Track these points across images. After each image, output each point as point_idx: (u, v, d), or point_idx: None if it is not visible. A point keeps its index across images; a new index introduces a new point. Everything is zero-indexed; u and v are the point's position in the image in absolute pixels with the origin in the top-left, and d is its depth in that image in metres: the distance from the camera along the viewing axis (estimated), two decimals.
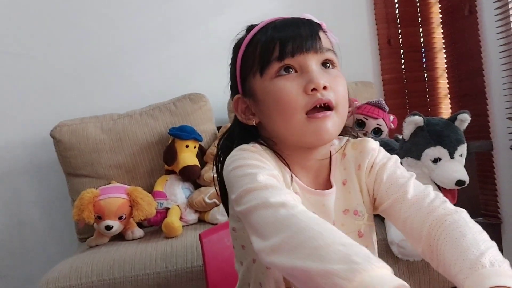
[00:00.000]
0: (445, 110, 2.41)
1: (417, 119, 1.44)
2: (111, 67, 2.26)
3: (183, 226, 1.69)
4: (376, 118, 1.92)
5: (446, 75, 2.38)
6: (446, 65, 2.38)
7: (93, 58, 2.25)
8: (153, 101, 2.07)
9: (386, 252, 1.45)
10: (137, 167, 1.93)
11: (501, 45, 1.94)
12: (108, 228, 1.63)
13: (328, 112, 0.68)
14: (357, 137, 0.82)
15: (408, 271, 1.47)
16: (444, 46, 2.37)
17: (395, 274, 1.69)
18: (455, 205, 1.53)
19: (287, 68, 0.69)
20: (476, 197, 1.67)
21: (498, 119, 2.05)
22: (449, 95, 2.38)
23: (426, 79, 2.43)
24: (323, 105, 0.68)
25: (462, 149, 1.42)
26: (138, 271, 1.42)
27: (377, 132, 1.93)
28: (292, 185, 0.71)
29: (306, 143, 0.71)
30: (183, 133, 1.85)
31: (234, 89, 0.78)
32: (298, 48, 0.69)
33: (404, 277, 1.48)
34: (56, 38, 2.22)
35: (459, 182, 1.37)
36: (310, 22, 0.73)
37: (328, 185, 0.76)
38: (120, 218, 1.65)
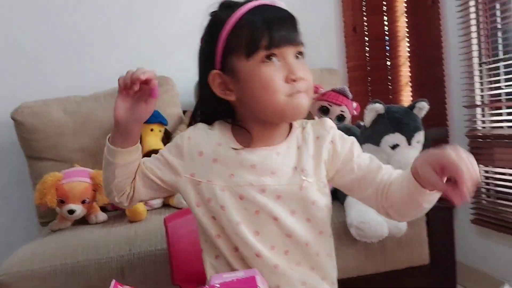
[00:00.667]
0: (406, 97, 2.48)
1: (378, 107, 1.49)
2: (75, 47, 2.21)
3: (147, 210, 1.69)
4: (340, 105, 1.97)
5: (408, 64, 2.45)
6: (408, 54, 2.44)
7: (56, 37, 2.19)
8: (115, 84, 2.04)
9: (345, 234, 1.51)
10: (101, 151, 1.85)
11: (460, 36, 2.02)
12: (71, 212, 1.62)
13: (304, 95, 0.79)
14: None
15: (366, 251, 1.54)
16: (407, 35, 2.44)
17: (353, 254, 1.76)
18: None
19: (271, 56, 0.77)
20: None
21: (455, 107, 2.13)
22: (410, 83, 2.45)
23: (389, 67, 2.49)
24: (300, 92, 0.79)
25: (419, 136, 1.49)
26: (102, 255, 1.43)
27: (340, 118, 1.98)
28: (243, 150, 0.83)
29: (285, 119, 0.83)
30: None
31: (208, 64, 0.82)
32: (284, 40, 0.77)
33: (362, 257, 1.54)
34: (18, 16, 2.15)
35: None
36: (290, 13, 0.80)
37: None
38: (83, 202, 1.64)
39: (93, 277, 1.41)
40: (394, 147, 1.47)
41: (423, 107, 1.50)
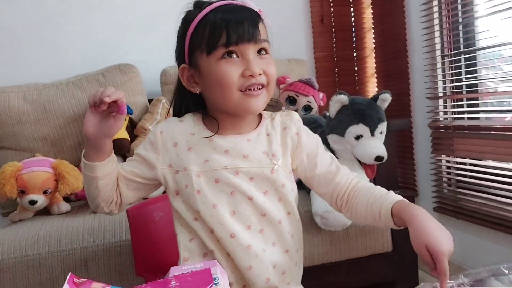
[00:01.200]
0: (372, 88, 2.53)
1: (343, 98, 1.51)
2: (35, 33, 2.14)
3: None
4: (307, 96, 1.98)
5: (374, 55, 2.49)
6: (374, 45, 2.48)
7: (15, 23, 2.11)
8: (81, 71, 2.00)
9: (310, 223, 1.53)
10: (63, 140, 1.86)
11: (423, 28, 2.06)
12: (32, 202, 1.58)
13: (260, 91, 0.84)
14: None
15: (330, 240, 1.57)
16: (373, 26, 2.47)
17: (319, 242, 1.78)
18: (374, 178, 1.62)
19: (230, 53, 0.81)
20: (394, 171, 1.79)
21: (419, 98, 2.19)
22: (375, 74, 2.50)
23: (355, 58, 2.53)
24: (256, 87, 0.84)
25: (382, 127, 1.52)
26: (65, 246, 1.40)
27: (307, 109, 2.00)
28: (215, 138, 0.88)
29: (239, 114, 0.87)
30: None
31: (180, 58, 0.88)
32: (242, 38, 0.81)
33: (327, 245, 1.57)
34: None
35: (378, 158, 1.47)
36: (252, 12, 0.84)
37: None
38: (45, 192, 1.60)
39: (56, 269, 1.38)
40: (358, 137, 1.49)
41: (386, 99, 1.53)
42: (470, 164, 1.91)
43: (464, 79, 1.94)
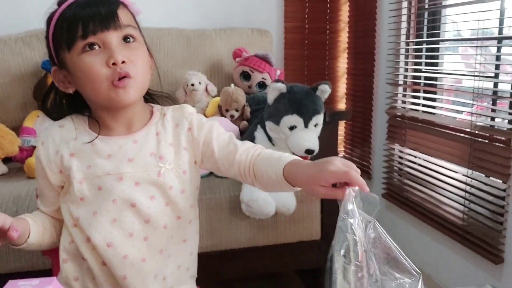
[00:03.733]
0: (342, 64, 2.45)
1: (280, 86, 1.46)
2: None
3: None
4: (262, 72, 1.92)
5: (347, 29, 2.39)
6: (348, 19, 2.38)
7: None
8: (33, 26, 1.93)
9: (239, 207, 1.54)
10: (8, 99, 1.84)
11: (391, 10, 1.97)
12: None
13: (127, 80, 0.78)
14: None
15: (258, 226, 1.58)
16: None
17: (246, 227, 1.79)
18: None
19: (91, 45, 0.77)
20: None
21: (381, 82, 2.12)
22: (347, 50, 2.41)
23: (328, 31, 2.43)
24: (122, 77, 0.79)
25: (318, 119, 1.48)
26: None
27: (261, 85, 1.95)
28: (98, 141, 0.85)
29: (113, 105, 0.82)
30: None
31: (52, 60, 0.85)
32: (99, 27, 0.77)
33: (255, 230, 1.59)
34: None
35: (308, 151, 1.44)
36: (109, 1, 0.80)
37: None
38: None
39: None
40: (291, 128, 1.46)
41: (325, 90, 1.48)
42: (419, 158, 1.88)
43: (423, 70, 1.87)
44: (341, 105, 2.47)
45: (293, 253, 1.66)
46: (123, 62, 0.77)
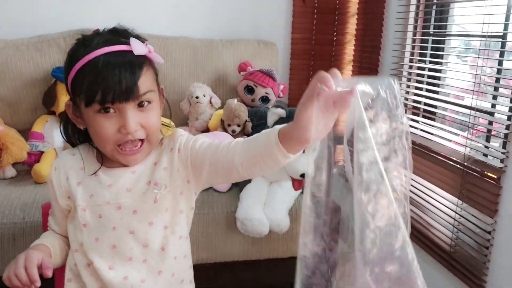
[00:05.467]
0: (346, 76, 2.48)
1: (280, 112, 1.52)
2: None
3: None
4: (265, 87, 1.97)
5: (354, 42, 2.41)
6: (355, 32, 2.39)
7: None
8: (43, 32, 1.98)
9: (235, 224, 1.60)
10: (19, 102, 1.90)
11: (396, 24, 1.98)
12: None
13: (136, 149, 0.85)
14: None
15: (252, 240, 1.64)
16: (357, 12, 2.37)
17: (241, 241, 1.85)
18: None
19: (106, 108, 0.81)
20: None
21: None
22: (352, 62, 2.43)
23: (335, 43, 2.45)
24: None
25: (315, 144, 1.52)
26: None
27: (264, 99, 1.99)
28: (101, 172, 0.91)
29: (117, 161, 0.88)
30: None
31: (67, 92, 0.87)
32: (117, 99, 0.80)
33: (249, 245, 1.65)
34: None
35: (303, 175, 1.50)
36: (135, 63, 0.81)
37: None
38: None
39: None
40: None
41: None
42: (412, 180, 1.93)
43: (427, 62, 1.88)
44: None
45: (286, 268, 1.72)
46: (135, 130, 0.82)
